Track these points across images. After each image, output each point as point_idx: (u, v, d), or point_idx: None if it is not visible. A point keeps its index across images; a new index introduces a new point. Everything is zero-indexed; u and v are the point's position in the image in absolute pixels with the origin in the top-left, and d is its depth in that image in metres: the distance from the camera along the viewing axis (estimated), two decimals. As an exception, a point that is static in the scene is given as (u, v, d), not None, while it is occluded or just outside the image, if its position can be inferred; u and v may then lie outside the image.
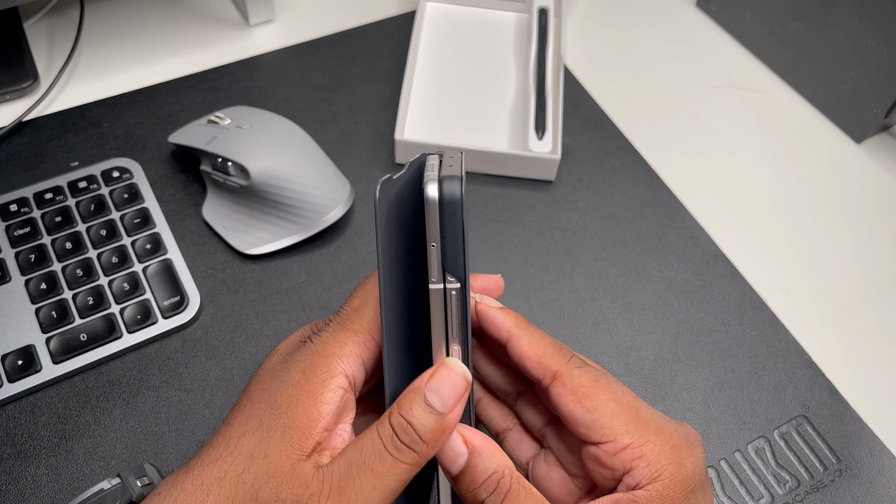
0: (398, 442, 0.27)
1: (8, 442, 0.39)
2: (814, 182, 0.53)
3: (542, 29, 0.57)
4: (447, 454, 0.28)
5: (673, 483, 0.28)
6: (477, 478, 0.28)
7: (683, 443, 0.30)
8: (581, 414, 0.30)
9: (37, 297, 0.42)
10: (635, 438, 0.29)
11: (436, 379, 0.28)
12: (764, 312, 0.46)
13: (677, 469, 0.29)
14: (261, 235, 0.46)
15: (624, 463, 0.29)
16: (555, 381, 0.30)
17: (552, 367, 0.30)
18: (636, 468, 0.29)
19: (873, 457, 0.41)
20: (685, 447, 0.29)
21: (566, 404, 0.30)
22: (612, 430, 0.29)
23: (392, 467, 0.27)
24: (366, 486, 0.26)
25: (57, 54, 0.56)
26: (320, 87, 0.55)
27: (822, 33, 0.54)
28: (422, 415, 0.27)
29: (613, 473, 0.29)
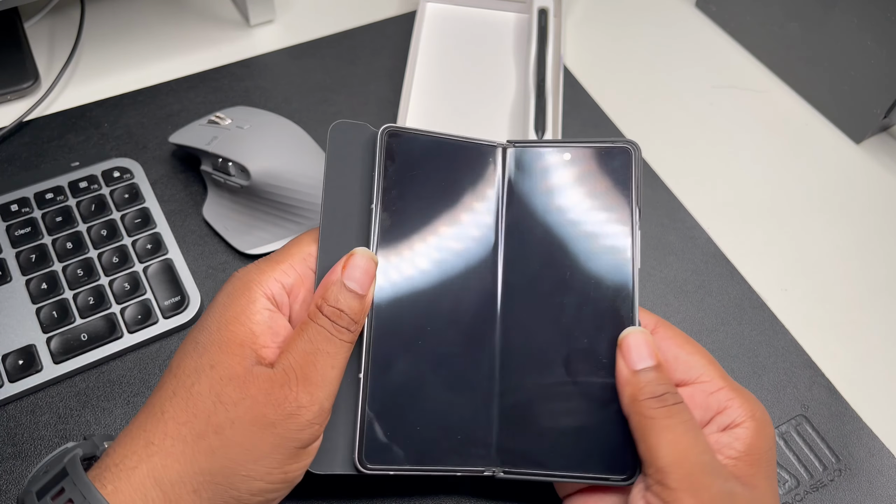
0: (338, 326, 0.31)
1: (9, 442, 0.39)
2: (813, 182, 0.53)
3: (541, 29, 0.57)
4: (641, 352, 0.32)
5: (763, 424, 0.32)
6: (660, 378, 0.32)
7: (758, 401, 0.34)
8: (684, 356, 0.34)
9: (37, 296, 0.42)
10: (728, 383, 0.33)
11: (349, 268, 0.32)
12: (763, 312, 0.46)
13: (763, 415, 0.33)
14: (261, 235, 0.46)
15: (720, 402, 0.33)
16: (658, 328, 0.35)
17: (653, 319, 0.35)
18: (731, 407, 0.33)
19: (873, 456, 0.41)
20: (761, 404, 0.33)
21: (670, 346, 0.34)
22: (710, 372, 0.34)
23: (339, 347, 0.31)
24: (326, 366, 0.30)
25: (58, 54, 0.57)
26: (321, 88, 0.55)
27: (821, 33, 0.55)
28: (347, 299, 0.31)
29: (705, 412, 0.33)
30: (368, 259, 0.33)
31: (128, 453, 0.29)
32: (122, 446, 0.29)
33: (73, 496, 0.27)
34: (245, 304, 0.32)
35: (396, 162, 0.35)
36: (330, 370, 0.30)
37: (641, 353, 0.32)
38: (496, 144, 0.37)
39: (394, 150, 0.35)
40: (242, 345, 0.31)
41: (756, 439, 0.32)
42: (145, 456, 0.28)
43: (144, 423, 0.30)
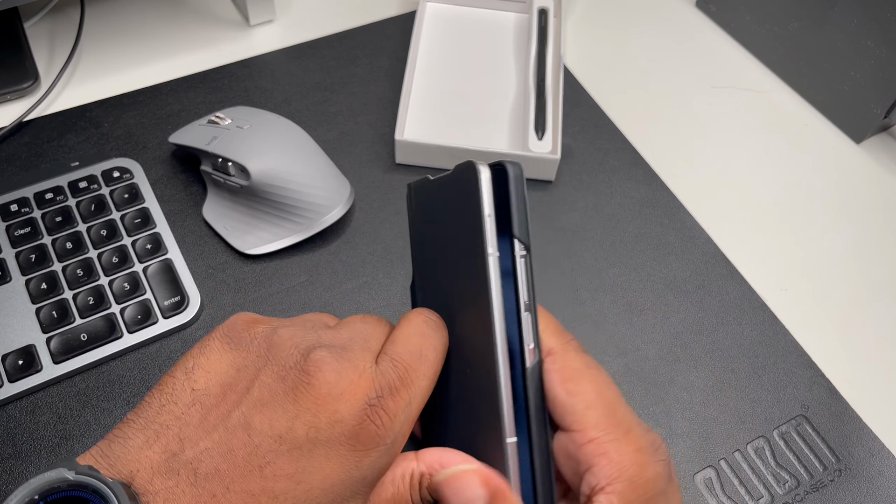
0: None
1: (8, 442, 0.39)
2: (813, 182, 0.53)
3: (541, 29, 0.57)
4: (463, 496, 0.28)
5: (634, 486, 0.28)
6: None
7: (648, 447, 0.29)
8: (561, 395, 0.29)
9: (37, 296, 0.42)
10: (602, 434, 0.29)
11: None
12: (763, 312, 0.46)
13: (638, 472, 0.28)
14: (261, 235, 0.46)
15: (588, 457, 0.28)
16: (547, 357, 0.30)
17: (548, 344, 0.30)
18: (597, 466, 0.28)
19: (873, 456, 0.41)
20: (649, 452, 0.29)
21: (551, 384, 0.30)
22: (585, 419, 0.29)
23: None
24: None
25: (57, 54, 0.57)
26: (320, 88, 0.55)
27: (821, 33, 0.55)
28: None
29: (577, 467, 0.29)
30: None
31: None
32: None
33: None
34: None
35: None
36: None
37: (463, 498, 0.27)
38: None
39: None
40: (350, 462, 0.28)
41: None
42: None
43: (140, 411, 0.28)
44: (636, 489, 0.28)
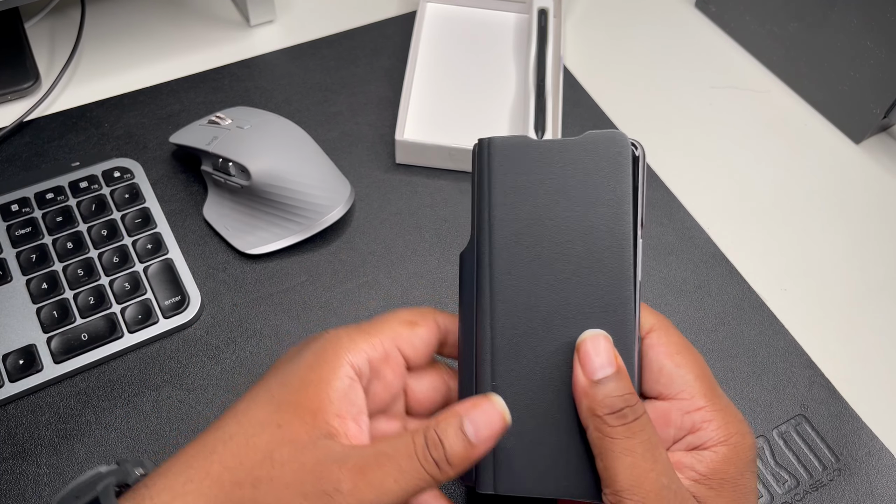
0: (427, 453, 0.28)
1: (9, 441, 0.39)
2: (813, 182, 0.53)
3: (541, 29, 0.57)
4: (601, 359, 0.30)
5: (738, 449, 0.31)
6: (621, 389, 0.29)
7: (745, 423, 0.32)
8: (670, 367, 0.32)
9: (38, 296, 0.42)
10: (710, 403, 0.31)
11: (477, 411, 0.29)
12: (763, 312, 0.46)
13: (742, 438, 0.31)
14: (261, 235, 0.46)
15: (694, 422, 0.31)
16: (651, 332, 0.32)
17: (651, 321, 0.33)
18: (705, 429, 0.31)
19: (872, 456, 0.41)
20: (747, 426, 0.32)
21: (657, 355, 0.32)
22: (693, 389, 0.31)
23: (416, 471, 0.28)
24: (389, 475, 0.28)
25: (58, 55, 0.57)
26: (321, 88, 0.55)
27: (820, 34, 0.55)
28: (454, 439, 0.28)
29: (676, 431, 0.31)
30: (500, 416, 0.29)
31: (164, 488, 0.28)
32: (163, 478, 0.28)
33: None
34: (330, 370, 0.30)
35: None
36: (392, 482, 0.28)
37: (600, 359, 0.30)
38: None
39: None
40: (316, 413, 0.29)
41: (723, 464, 0.30)
42: (181, 492, 0.28)
43: (190, 460, 0.29)
44: (738, 452, 0.31)
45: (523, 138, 0.32)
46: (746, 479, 0.31)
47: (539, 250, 0.32)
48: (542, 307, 0.31)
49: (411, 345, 0.33)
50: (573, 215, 0.31)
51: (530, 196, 0.32)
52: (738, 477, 0.31)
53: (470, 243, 0.33)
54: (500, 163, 0.32)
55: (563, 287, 0.31)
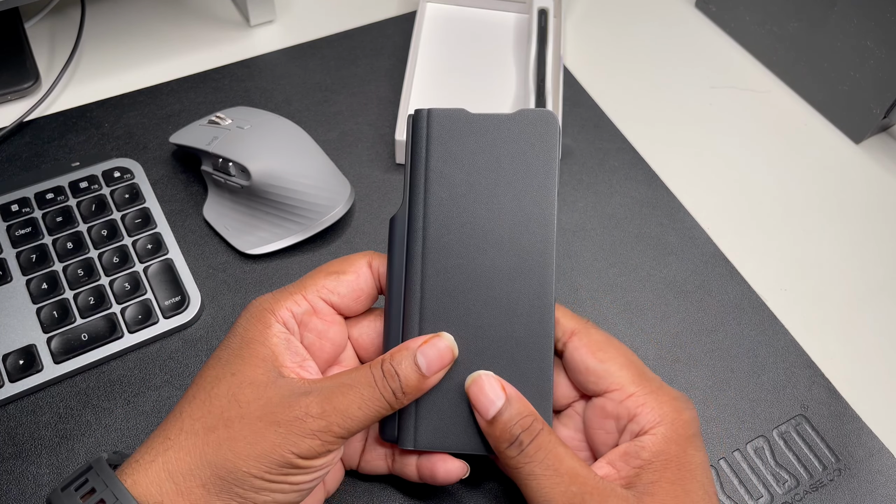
0: (385, 383, 0.31)
1: (9, 441, 0.39)
2: (813, 182, 0.53)
3: (541, 29, 0.57)
4: (487, 396, 0.32)
5: (675, 426, 0.32)
6: (514, 417, 0.31)
7: (681, 398, 0.33)
8: (594, 364, 0.33)
9: (38, 296, 0.42)
10: (639, 388, 0.33)
11: (428, 346, 0.32)
12: (763, 312, 0.46)
13: (677, 415, 0.32)
14: (261, 235, 0.46)
15: (629, 409, 0.33)
16: (573, 336, 0.34)
17: (570, 326, 0.35)
18: (641, 414, 0.32)
19: (872, 456, 0.41)
20: (682, 400, 0.33)
21: (581, 356, 0.34)
22: (621, 379, 0.33)
23: (376, 399, 0.31)
24: (353, 402, 0.30)
25: (58, 55, 0.57)
26: (321, 88, 0.55)
27: (821, 34, 0.55)
28: (408, 370, 0.31)
29: (618, 423, 0.33)
30: (450, 350, 0.33)
31: (147, 450, 0.30)
32: (144, 445, 0.31)
33: (96, 485, 0.29)
34: (262, 328, 0.33)
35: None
36: (356, 408, 0.30)
37: (487, 398, 0.32)
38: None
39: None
40: (265, 359, 0.32)
41: (664, 444, 0.31)
42: (161, 450, 0.30)
43: (165, 424, 0.31)
44: (677, 429, 0.32)
45: (461, 111, 0.35)
46: (690, 454, 0.32)
47: (471, 215, 0.34)
48: (470, 270, 0.34)
49: (337, 293, 0.35)
50: (504, 185, 0.34)
51: (465, 165, 0.34)
52: (681, 454, 0.32)
53: (402, 207, 0.35)
54: (438, 133, 0.35)
55: (491, 251, 0.34)
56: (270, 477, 0.29)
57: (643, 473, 0.31)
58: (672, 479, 0.31)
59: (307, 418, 0.30)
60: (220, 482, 0.29)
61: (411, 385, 0.31)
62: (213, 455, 0.29)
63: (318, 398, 0.30)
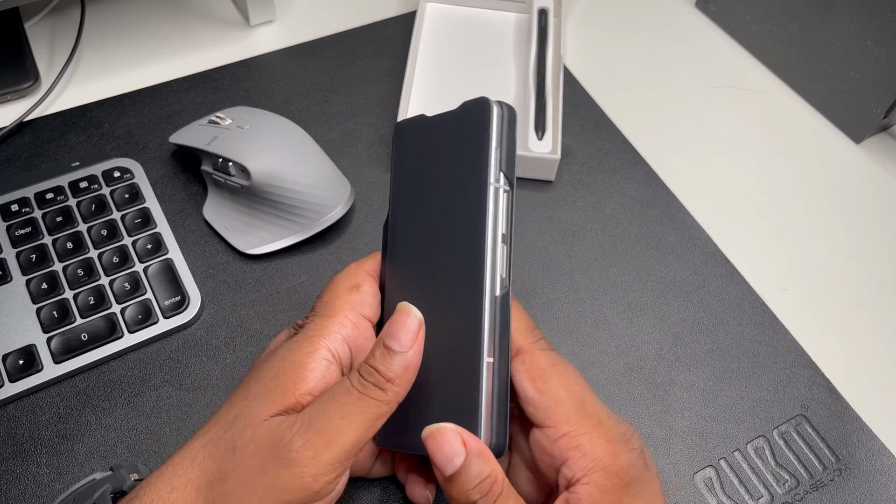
0: (364, 381, 0.29)
1: (9, 441, 0.39)
2: (813, 182, 0.53)
3: (541, 29, 0.57)
4: (444, 453, 0.29)
5: (608, 474, 0.29)
6: (472, 479, 0.29)
7: (619, 437, 0.30)
8: (531, 393, 0.31)
9: (38, 296, 0.42)
10: (574, 428, 0.30)
11: (390, 325, 0.30)
12: (763, 312, 0.46)
13: (612, 461, 0.29)
14: (261, 235, 0.46)
15: (562, 451, 0.30)
16: (515, 357, 0.32)
17: (517, 343, 0.32)
18: (572, 458, 0.30)
19: (872, 456, 0.41)
20: (620, 441, 0.30)
21: (520, 382, 0.31)
22: (556, 415, 0.30)
23: (358, 402, 0.29)
24: (334, 415, 0.28)
25: (58, 54, 0.57)
26: (321, 88, 0.55)
27: (821, 34, 0.55)
28: (382, 357, 0.29)
29: (553, 462, 0.30)
30: (414, 317, 0.30)
31: (154, 497, 0.29)
32: (152, 488, 0.29)
33: None
34: (307, 354, 0.31)
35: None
36: (338, 419, 0.28)
37: (445, 453, 0.29)
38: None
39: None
40: (286, 392, 0.30)
41: (599, 495, 0.29)
42: (167, 501, 0.28)
43: (176, 468, 0.29)
44: (611, 477, 0.29)
45: (420, 117, 0.35)
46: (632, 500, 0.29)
47: (425, 213, 0.34)
48: (429, 271, 0.33)
49: (367, 305, 0.34)
50: (447, 178, 0.33)
51: (420, 166, 0.35)
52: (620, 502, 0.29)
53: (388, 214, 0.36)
54: (403, 141, 0.36)
55: (443, 247, 0.33)
56: None
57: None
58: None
59: (290, 453, 0.28)
60: None
61: (393, 369, 0.29)
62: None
63: (301, 428, 0.28)
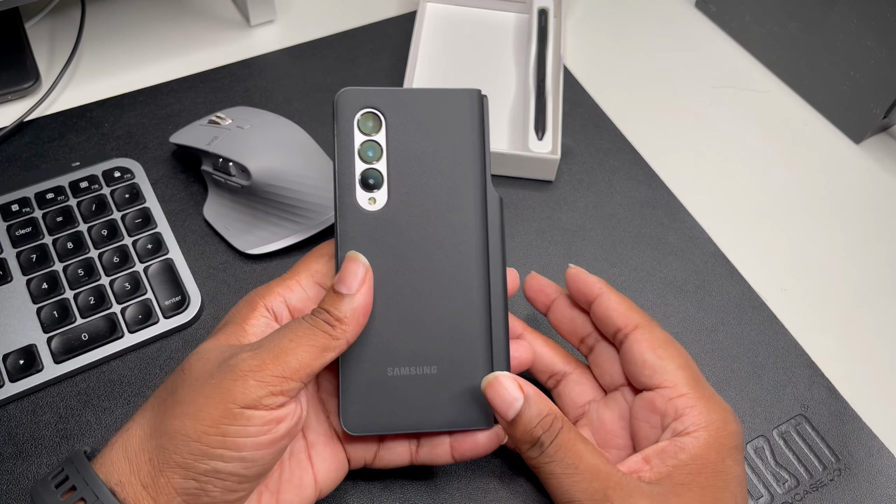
0: (316, 319, 0.31)
1: (9, 442, 0.39)
2: (813, 182, 0.53)
3: (541, 29, 0.57)
4: (504, 398, 0.32)
5: (719, 435, 0.32)
6: (533, 418, 0.31)
7: (730, 411, 0.34)
8: (653, 359, 0.34)
9: (38, 296, 0.42)
10: (692, 391, 0.33)
11: (341, 272, 0.32)
12: (763, 312, 0.46)
13: (723, 425, 0.32)
14: (262, 235, 0.46)
15: (678, 408, 0.33)
16: (636, 329, 0.35)
17: (636, 319, 0.35)
18: (688, 415, 0.32)
19: (872, 456, 0.41)
20: (730, 413, 0.33)
21: (641, 349, 0.34)
22: (676, 378, 0.33)
23: (308, 331, 0.31)
24: (283, 338, 0.30)
25: (58, 54, 0.57)
26: (321, 88, 0.55)
27: (820, 34, 0.55)
28: (331, 299, 0.32)
29: (663, 420, 0.33)
30: (360, 263, 0.32)
31: (116, 433, 0.31)
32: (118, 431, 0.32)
33: (70, 473, 0.30)
34: (246, 313, 0.33)
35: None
36: (288, 342, 0.30)
37: (505, 399, 0.32)
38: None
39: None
40: (229, 336, 0.33)
41: (703, 449, 0.32)
42: (123, 430, 0.31)
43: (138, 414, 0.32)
44: (719, 437, 0.32)
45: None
46: (728, 464, 0.32)
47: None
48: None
49: (330, 276, 0.35)
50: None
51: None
52: (718, 462, 0.32)
53: None
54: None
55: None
56: (208, 439, 0.28)
57: (676, 473, 0.31)
58: (703, 485, 0.31)
59: (238, 362, 0.30)
60: (163, 453, 0.29)
61: (342, 310, 0.31)
62: (159, 424, 0.30)
63: (252, 345, 0.31)
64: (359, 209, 0.34)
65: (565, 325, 0.39)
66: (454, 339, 0.34)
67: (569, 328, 0.38)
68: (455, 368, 0.34)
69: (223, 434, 0.29)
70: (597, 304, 0.36)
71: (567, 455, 0.31)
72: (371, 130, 0.35)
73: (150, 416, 0.31)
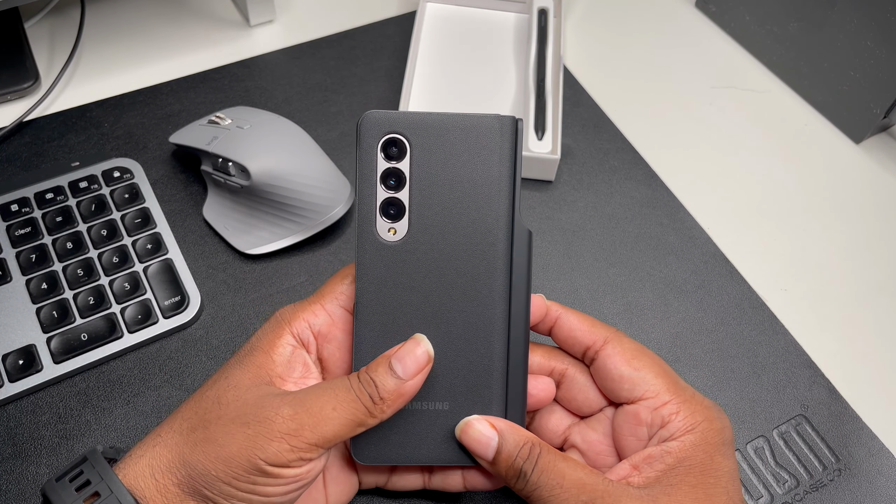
0: (362, 388, 0.31)
1: (9, 442, 0.39)
2: (813, 182, 0.53)
3: (541, 29, 0.57)
4: (479, 441, 0.32)
5: (705, 434, 0.32)
6: (512, 450, 0.32)
7: (714, 408, 0.33)
8: (629, 371, 0.34)
9: (38, 296, 0.42)
10: (674, 397, 0.33)
11: (402, 350, 0.32)
12: (763, 312, 0.46)
13: (709, 424, 0.33)
14: (261, 235, 0.46)
15: (662, 417, 0.33)
16: (606, 344, 0.34)
17: (604, 334, 0.35)
18: (673, 421, 0.32)
19: (872, 456, 0.41)
20: (716, 411, 0.33)
21: (615, 364, 0.34)
22: (657, 387, 0.33)
23: (352, 402, 0.30)
24: (327, 403, 0.30)
25: (58, 54, 0.57)
26: (321, 88, 0.55)
27: (821, 34, 0.55)
28: (384, 377, 0.31)
29: (649, 429, 0.33)
30: (426, 353, 0.32)
31: (140, 445, 0.31)
32: (141, 441, 0.32)
33: (91, 476, 0.30)
34: (272, 339, 0.33)
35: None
36: (330, 409, 0.30)
37: (480, 441, 0.32)
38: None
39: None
40: (260, 367, 0.32)
41: (690, 451, 0.32)
42: (150, 446, 0.31)
43: (161, 426, 0.32)
44: (705, 437, 0.32)
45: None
46: (717, 461, 0.32)
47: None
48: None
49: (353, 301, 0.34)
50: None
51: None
52: (706, 461, 0.32)
53: None
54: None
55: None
56: (238, 484, 0.29)
57: (665, 477, 0.31)
58: (694, 483, 0.31)
59: (277, 418, 0.29)
60: (192, 483, 0.30)
61: (388, 389, 0.31)
62: (190, 455, 0.30)
63: (292, 400, 0.30)
64: (378, 240, 0.33)
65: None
66: (469, 376, 0.34)
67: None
68: (467, 406, 0.34)
69: (253, 483, 0.30)
70: (557, 327, 0.36)
71: (550, 477, 0.31)
72: (395, 157, 0.33)
73: (178, 440, 0.31)
